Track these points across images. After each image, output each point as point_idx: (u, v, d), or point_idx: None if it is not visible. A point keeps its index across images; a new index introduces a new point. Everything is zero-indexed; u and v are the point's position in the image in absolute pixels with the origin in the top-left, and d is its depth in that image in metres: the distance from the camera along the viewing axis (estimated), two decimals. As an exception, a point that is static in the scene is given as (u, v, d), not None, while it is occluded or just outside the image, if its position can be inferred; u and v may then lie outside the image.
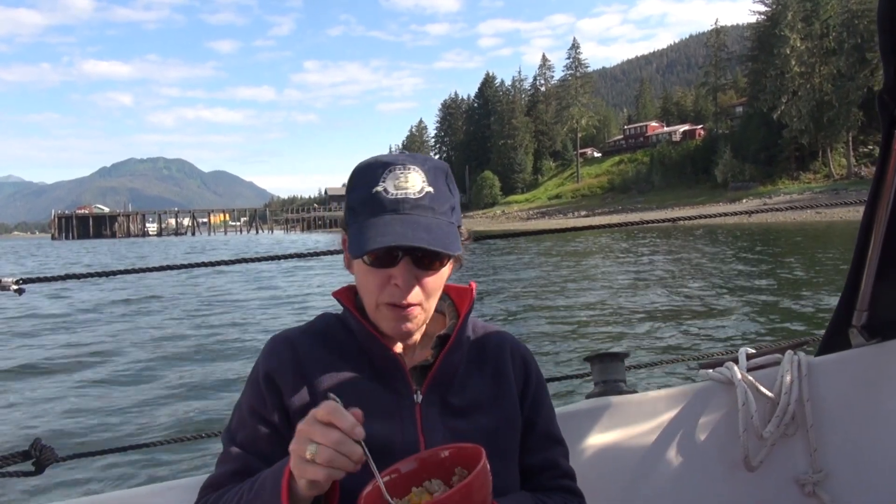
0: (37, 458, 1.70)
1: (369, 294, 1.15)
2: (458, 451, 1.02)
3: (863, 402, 1.86)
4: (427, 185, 1.13)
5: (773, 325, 10.67)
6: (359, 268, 1.16)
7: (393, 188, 1.11)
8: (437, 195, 1.13)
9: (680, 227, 47.97)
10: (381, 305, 1.13)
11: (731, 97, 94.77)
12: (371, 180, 1.13)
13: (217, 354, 10.25)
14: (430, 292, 1.15)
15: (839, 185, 67.95)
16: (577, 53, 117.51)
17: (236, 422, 1.18)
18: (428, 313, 1.18)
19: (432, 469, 1.02)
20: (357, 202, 1.14)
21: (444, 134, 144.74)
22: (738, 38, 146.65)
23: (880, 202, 1.75)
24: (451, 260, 1.19)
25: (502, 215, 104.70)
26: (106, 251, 63.17)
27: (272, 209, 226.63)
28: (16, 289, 1.74)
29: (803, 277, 16.99)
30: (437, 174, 1.16)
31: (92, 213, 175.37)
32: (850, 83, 70.05)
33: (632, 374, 2.02)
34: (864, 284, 1.84)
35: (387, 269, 1.11)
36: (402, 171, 1.12)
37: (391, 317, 1.13)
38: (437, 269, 1.15)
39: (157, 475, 5.20)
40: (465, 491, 0.90)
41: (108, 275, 2.07)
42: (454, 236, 1.13)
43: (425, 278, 1.13)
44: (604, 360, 1.93)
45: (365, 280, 1.15)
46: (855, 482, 1.83)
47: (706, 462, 1.77)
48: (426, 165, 1.15)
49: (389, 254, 1.10)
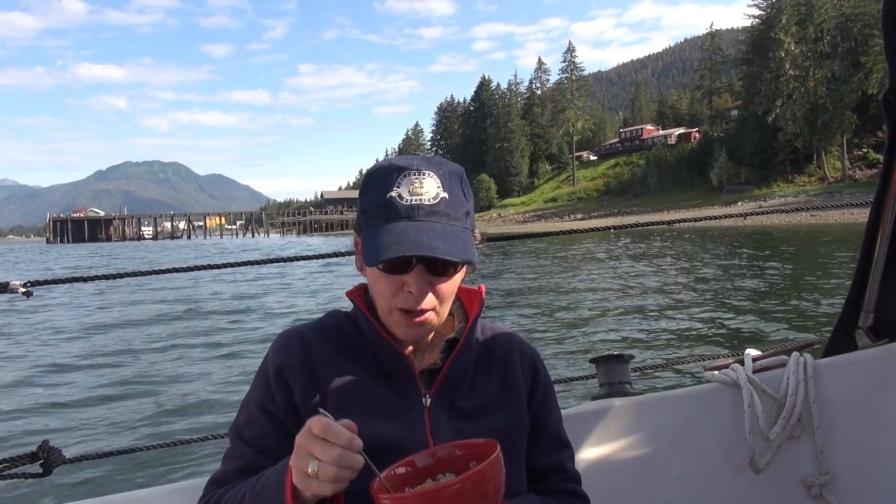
0: (44, 460, 1.71)
1: (382, 298, 1.14)
2: (473, 446, 1.03)
3: (869, 404, 1.86)
4: (442, 191, 1.11)
5: (778, 326, 10.62)
6: (372, 272, 1.15)
7: (407, 194, 1.09)
8: (452, 201, 1.12)
9: (680, 229, 48.07)
10: (394, 311, 1.12)
11: (726, 100, 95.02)
12: (385, 185, 1.11)
13: (224, 357, 10.22)
14: (444, 298, 1.14)
15: (834, 187, 68.17)
16: (573, 57, 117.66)
17: (244, 417, 1.17)
18: (441, 318, 1.17)
19: (446, 464, 1.03)
20: (371, 206, 1.13)
21: (441, 137, 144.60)
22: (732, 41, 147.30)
23: (886, 203, 1.75)
24: (465, 265, 1.17)
25: (498, 218, 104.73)
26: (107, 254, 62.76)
27: (268, 212, 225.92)
28: (24, 291, 1.74)
29: (807, 279, 16.95)
30: (453, 179, 1.14)
31: (87, 217, 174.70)
32: (844, 87, 70.35)
33: (637, 376, 2.02)
34: (870, 286, 1.84)
35: (400, 275, 1.10)
36: (416, 176, 1.11)
37: (404, 322, 1.13)
38: (450, 276, 1.14)
39: (164, 477, 5.19)
40: (478, 477, 0.91)
41: (114, 277, 2.06)
42: (469, 243, 1.12)
43: (439, 284, 1.12)
44: (609, 362, 1.93)
45: (378, 285, 1.14)
46: (862, 484, 1.82)
47: (712, 464, 1.77)
48: (441, 170, 1.13)
49: (404, 260, 1.09)
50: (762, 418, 1.72)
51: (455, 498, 0.90)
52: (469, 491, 0.90)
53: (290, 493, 0.96)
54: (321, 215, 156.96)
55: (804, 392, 1.77)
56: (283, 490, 0.97)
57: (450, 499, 0.90)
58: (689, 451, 1.76)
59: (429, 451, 1.05)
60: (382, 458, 0.97)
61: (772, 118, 75.52)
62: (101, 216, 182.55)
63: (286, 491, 0.97)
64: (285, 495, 0.97)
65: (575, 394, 6.03)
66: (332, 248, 22.44)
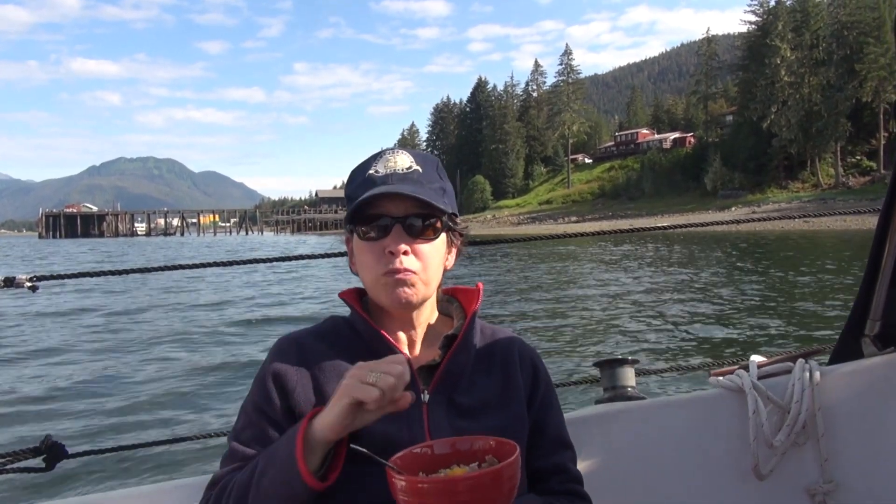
0: (47, 455, 1.72)
1: (369, 270, 1.18)
2: (493, 442, 1.02)
3: (875, 412, 1.85)
4: (415, 165, 1.21)
5: (782, 333, 10.62)
6: (358, 249, 1.21)
7: (383, 168, 1.20)
8: (426, 174, 1.21)
9: (678, 234, 48.11)
10: (380, 277, 1.16)
11: (722, 106, 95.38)
12: (364, 168, 1.22)
13: (229, 354, 10.20)
14: (426, 262, 1.18)
15: (827, 194, 68.52)
16: (570, 60, 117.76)
17: (242, 422, 1.19)
18: (427, 286, 1.20)
19: (462, 456, 1.02)
20: (353, 191, 1.22)
21: (436, 138, 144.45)
22: (728, 47, 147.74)
23: (894, 211, 1.74)
24: (446, 236, 1.24)
25: (493, 220, 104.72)
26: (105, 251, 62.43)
27: (262, 210, 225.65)
28: (29, 286, 1.74)
29: (813, 285, 16.95)
30: (427, 161, 1.23)
31: (80, 212, 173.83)
32: (838, 94, 70.76)
33: (641, 381, 2.01)
34: (877, 294, 1.83)
35: (380, 240, 1.16)
36: (391, 154, 1.22)
37: (389, 283, 1.16)
38: (429, 238, 1.19)
39: (166, 473, 5.18)
40: (496, 475, 0.91)
41: (121, 273, 2.04)
42: (440, 201, 1.19)
43: (418, 245, 1.17)
44: (613, 366, 1.93)
45: (363, 259, 1.19)
46: (866, 493, 1.81)
47: (715, 470, 1.76)
48: (415, 152, 1.24)
49: (382, 226, 1.16)
50: (766, 425, 1.72)
51: (471, 491, 0.90)
52: (486, 486, 0.90)
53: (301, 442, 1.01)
54: (315, 214, 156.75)
55: (809, 399, 1.76)
56: (295, 440, 1.01)
57: (466, 491, 0.90)
58: (692, 456, 1.75)
59: (448, 441, 1.05)
60: (380, 454, 0.98)
61: (766, 124, 75.88)
62: (94, 212, 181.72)
63: (297, 441, 1.01)
64: (296, 444, 1.01)
65: (579, 398, 6.04)
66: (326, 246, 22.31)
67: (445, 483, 0.92)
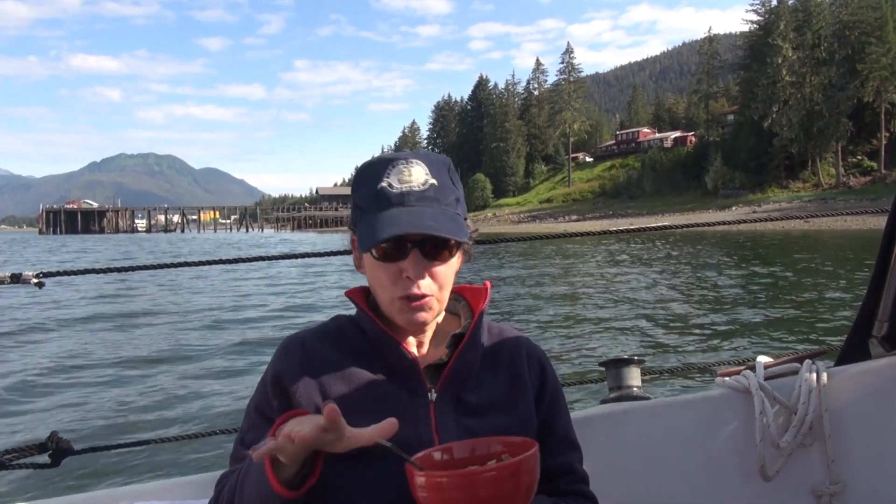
0: (53, 451, 1.72)
1: (383, 290, 1.16)
2: (511, 443, 1.02)
3: (882, 413, 1.84)
4: (430, 178, 1.15)
5: (789, 333, 10.58)
6: (370, 264, 1.17)
7: (397, 182, 1.13)
8: (442, 187, 1.16)
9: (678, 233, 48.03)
10: (396, 300, 1.14)
11: (723, 105, 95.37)
12: (375, 177, 1.15)
13: (233, 351, 10.19)
14: (442, 282, 1.16)
15: (828, 194, 68.54)
16: (571, 58, 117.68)
17: (247, 424, 1.20)
18: (441, 304, 1.19)
19: (480, 459, 1.02)
20: (363, 200, 1.16)
21: (437, 135, 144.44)
22: (730, 46, 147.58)
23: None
24: (460, 251, 1.21)
25: (493, 218, 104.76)
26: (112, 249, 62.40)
27: (263, 208, 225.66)
28: (36, 282, 1.74)
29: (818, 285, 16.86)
30: (440, 167, 1.18)
31: (80, 208, 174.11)
32: (840, 94, 70.73)
33: (647, 381, 2.01)
34: (885, 295, 1.82)
35: (397, 262, 1.13)
36: (404, 165, 1.15)
37: (406, 308, 1.14)
38: (445, 259, 1.16)
39: (172, 470, 5.18)
40: (515, 468, 0.91)
41: (128, 270, 2.03)
42: (461, 225, 1.15)
43: (435, 268, 1.15)
44: (619, 366, 1.92)
45: (377, 276, 1.16)
46: (873, 495, 1.81)
47: (721, 471, 1.75)
48: (428, 159, 1.18)
49: (398, 247, 1.12)
50: (773, 426, 1.71)
51: (490, 485, 0.89)
52: (505, 480, 0.90)
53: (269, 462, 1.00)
54: (316, 211, 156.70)
55: (816, 400, 1.75)
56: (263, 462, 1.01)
57: (485, 485, 0.89)
58: (698, 456, 1.74)
59: (468, 444, 1.05)
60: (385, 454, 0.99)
61: (768, 123, 75.88)
62: (94, 208, 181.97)
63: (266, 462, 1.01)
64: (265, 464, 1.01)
65: (584, 397, 6.03)
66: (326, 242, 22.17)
67: (465, 477, 0.91)
